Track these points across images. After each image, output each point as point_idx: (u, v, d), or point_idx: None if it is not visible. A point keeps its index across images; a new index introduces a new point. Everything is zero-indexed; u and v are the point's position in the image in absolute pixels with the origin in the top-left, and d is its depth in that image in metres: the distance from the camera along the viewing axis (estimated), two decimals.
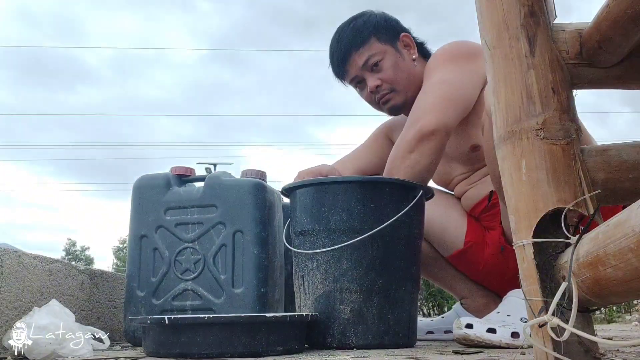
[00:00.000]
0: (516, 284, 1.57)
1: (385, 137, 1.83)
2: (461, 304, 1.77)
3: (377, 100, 1.66)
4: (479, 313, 1.70)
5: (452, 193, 1.76)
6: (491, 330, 1.23)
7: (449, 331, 1.70)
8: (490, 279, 1.70)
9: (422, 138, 1.40)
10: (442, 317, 1.78)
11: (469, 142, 1.60)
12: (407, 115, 1.67)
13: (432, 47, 1.71)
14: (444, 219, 1.66)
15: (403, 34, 1.67)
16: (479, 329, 1.23)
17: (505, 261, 1.58)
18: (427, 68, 1.60)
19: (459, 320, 1.26)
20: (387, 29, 1.66)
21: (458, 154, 1.65)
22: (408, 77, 1.64)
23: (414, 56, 1.67)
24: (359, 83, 1.68)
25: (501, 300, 1.74)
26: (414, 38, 1.70)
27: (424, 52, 1.70)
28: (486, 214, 1.65)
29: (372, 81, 1.63)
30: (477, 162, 1.64)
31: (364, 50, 1.62)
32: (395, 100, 1.64)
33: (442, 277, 1.79)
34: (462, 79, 1.50)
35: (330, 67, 1.70)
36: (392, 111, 1.69)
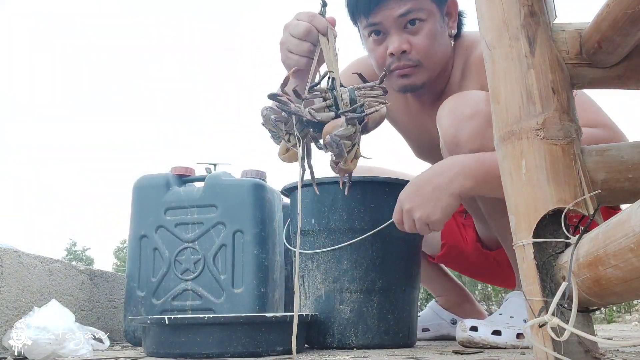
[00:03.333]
0: (500, 276, 1.61)
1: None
2: (436, 301, 1.81)
3: (394, 68, 1.29)
4: (453, 310, 1.76)
5: None
6: (496, 333, 1.23)
7: (426, 329, 1.74)
8: (476, 271, 1.75)
9: None
10: (419, 316, 1.78)
11: None
12: (417, 97, 1.41)
13: None
14: None
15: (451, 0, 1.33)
16: (483, 332, 1.23)
17: (486, 256, 1.61)
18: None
19: (462, 322, 1.26)
20: None
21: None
22: (442, 54, 1.31)
23: (453, 31, 1.33)
24: (377, 34, 1.29)
25: (473, 299, 1.81)
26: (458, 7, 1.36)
27: (458, 30, 1.36)
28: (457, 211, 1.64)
29: (398, 42, 1.25)
30: None
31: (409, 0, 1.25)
32: (416, 78, 1.29)
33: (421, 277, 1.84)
34: None
35: None
36: (405, 89, 1.32)
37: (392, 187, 1.32)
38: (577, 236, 0.65)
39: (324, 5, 1.01)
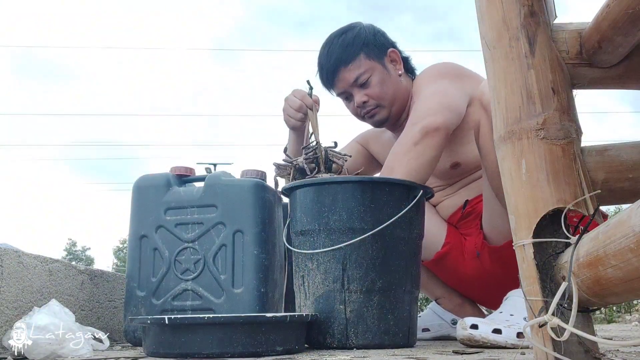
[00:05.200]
0: (491, 289, 1.61)
1: (360, 146, 1.92)
2: (437, 303, 1.80)
3: (363, 114, 1.70)
4: (454, 312, 1.76)
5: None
6: (497, 331, 1.23)
7: (426, 329, 1.74)
8: (466, 286, 1.74)
9: (427, 133, 1.43)
10: (420, 316, 1.78)
11: (451, 160, 1.66)
12: (389, 128, 1.79)
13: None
14: (426, 222, 1.66)
15: (390, 49, 1.70)
16: (484, 330, 1.23)
17: (481, 266, 1.62)
18: (418, 82, 1.66)
19: (463, 320, 1.26)
20: (376, 45, 1.68)
21: (438, 171, 1.68)
22: (394, 92, 1.68)
23: (399, 72, 1.71)
24: (346, 98, 1.73)
25: (474, 302, 1.80)
26: (400, 52, 1.73)
27: (408, 68, 1.75)
28: (463, 221, 1.69)
29: (359, 97, 1.67)
30: (455, 177, 1.72)
31: (353, 67, 1.65)
32: (380, 114, 1.69)
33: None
34: (454, 92, 1.56)
35: (319, 78, 1.72)
36: (377, 124, 1.75)
37: (392, 187, 1.32)
38: (577, 236, 0.65)
39: (311, 88, 1.58)
